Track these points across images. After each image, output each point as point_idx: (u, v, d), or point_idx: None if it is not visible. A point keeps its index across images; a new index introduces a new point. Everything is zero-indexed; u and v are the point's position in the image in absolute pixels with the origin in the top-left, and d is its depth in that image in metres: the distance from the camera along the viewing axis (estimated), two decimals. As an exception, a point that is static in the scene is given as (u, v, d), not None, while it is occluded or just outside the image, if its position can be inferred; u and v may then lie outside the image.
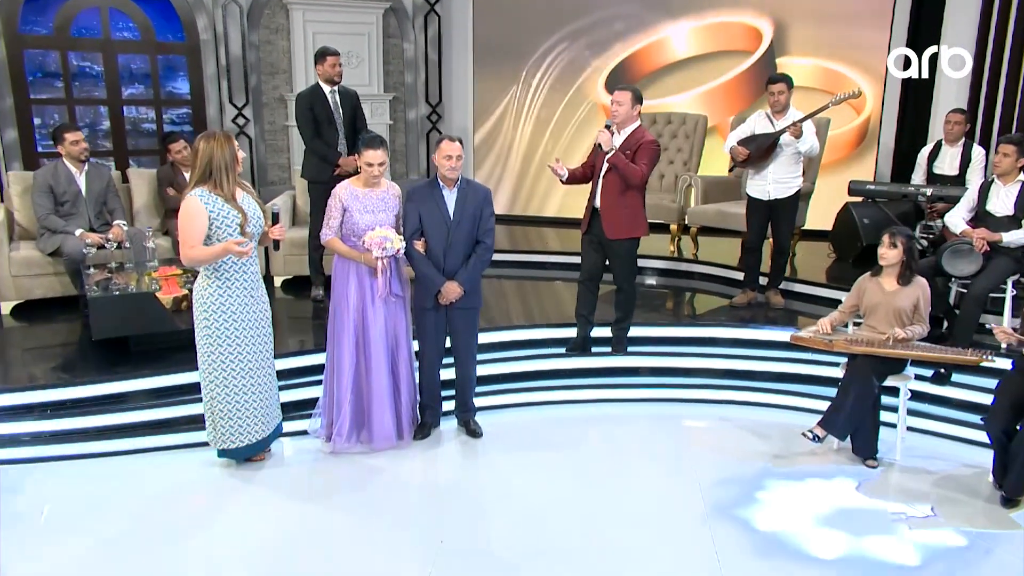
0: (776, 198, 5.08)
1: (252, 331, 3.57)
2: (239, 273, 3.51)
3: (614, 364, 4.84)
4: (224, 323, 3.50)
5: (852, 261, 6.12)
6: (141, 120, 7.63)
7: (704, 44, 7.58)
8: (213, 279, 3.49)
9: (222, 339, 3.51)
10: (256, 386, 3.62)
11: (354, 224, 3.79)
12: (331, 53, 5.31)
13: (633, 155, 4.40)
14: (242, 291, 3.52)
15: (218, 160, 3.40)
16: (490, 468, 3.89)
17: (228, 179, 3.42)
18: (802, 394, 4.50)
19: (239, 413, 3.61)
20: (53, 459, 3.76)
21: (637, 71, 7.77)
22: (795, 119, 4.92)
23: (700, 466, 3.88)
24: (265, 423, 3.71)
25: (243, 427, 3.65)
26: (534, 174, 8.12)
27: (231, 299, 3.50)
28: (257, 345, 3.60)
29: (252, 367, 3.59)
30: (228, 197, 3.43)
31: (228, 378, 3.56)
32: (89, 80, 7.24)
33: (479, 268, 3.98)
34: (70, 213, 5.20)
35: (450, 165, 3.85)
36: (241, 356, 3.55)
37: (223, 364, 3.54)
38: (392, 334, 3.92)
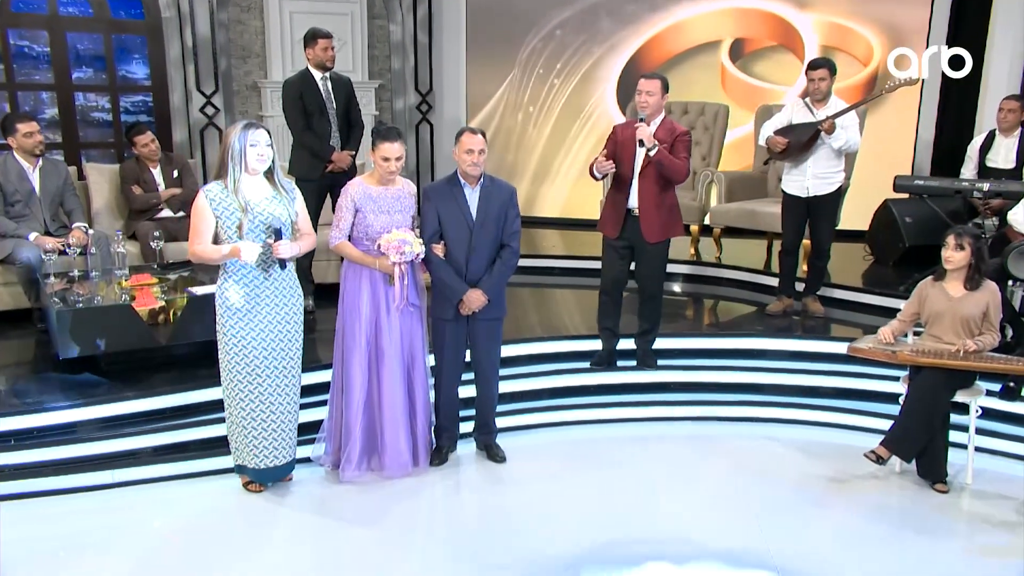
0: (816, 195, 5.11)
1: (268, 343, 3.54)
2: (252, 276, 3.49)
3: (642, 379, 4.84)
4: (232, 327, 3.50)
5: (893, 264, 6.19)
6: (89, 108, 7.48)
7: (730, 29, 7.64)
8: (232, 281, 3.50)
9: (230, 344, 3.52)
10: (272, 406, 3.59)
11: (367, 226, 3.73)
12: (323, 35, 5.24)
13: (669, 148, 4.40)
14: (257, 298, 3.50)
15: (226, 149, 3.43)
16: (518, 498, 3.84)
17: (233, 171, 3.42)
18: (855, 411, 4.52)
19: (255, 431, 3.60)
20: (19, 496, 3.63)
21: (655, 57, 7.80)
22: (838, 108, 4.95)
23: (751, 492, 3.87)
24: (279, 450, 3.68)
25: (262, 446, 3.63)
26: (535, 171, 8.12)
27: (241, 303, 3.49)
28: (273, 358, 3.57)
29: (268, 383, 3.57)
30: (233, 193, 3.42)
31: (245, 392, 3.56)
32: (29, 62, 7.08)
33: (505, 275, 3.95)
34: (22, 215, 5.06)
35: (472, 160, 3.81)
36: (251, 366, 3.53)
37: (239, 376, 3.55)
38: (408, 348, 3.87)
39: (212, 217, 3.43)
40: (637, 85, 4.50)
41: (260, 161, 3.45)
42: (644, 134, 4.34)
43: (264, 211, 3.48)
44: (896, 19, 7.14)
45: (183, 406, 4.07)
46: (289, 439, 3.72)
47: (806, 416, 4.59)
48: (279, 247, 3.49)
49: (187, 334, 4.35)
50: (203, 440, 3.98)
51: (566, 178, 8.11)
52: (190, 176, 5.86)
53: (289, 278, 3.63)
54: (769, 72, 7.72)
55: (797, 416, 4.60)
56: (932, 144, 7.02)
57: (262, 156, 3.45)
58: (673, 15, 7.77)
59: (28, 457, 3.71)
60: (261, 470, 3.69)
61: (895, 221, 6.09)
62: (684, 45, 7.81)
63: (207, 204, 3.43)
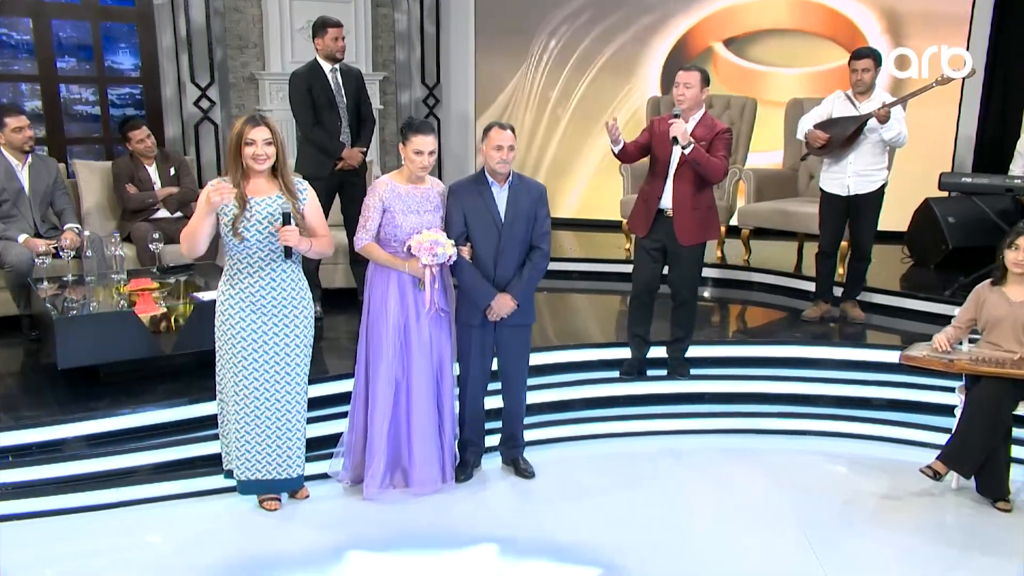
0: (857, 193, 5.11)
1: (261, 356, 3.53)
2: (247, 283, 3.49)
3: (675, 390, 4.83)
4: (224, 334, 3.52)
5: (935, 266, 6.20)
6: (73, 101, 7.44)
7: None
8: (228, 287, 3.52)
9: (221, 355, 3.56)
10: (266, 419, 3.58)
11: (396, 227, 3.72)
12: (333, 24, 5.24)
13: (708, 146, 4.40)
14: (252, 307, 3.50)
15: (228, 143, 3.46)
16: (550, 517, 3.82)
17: (233, 169, 3.44)
18: (906, 423, 4.52)
19: (244, 442, 3.60)
20: (18, 517, 3.59)
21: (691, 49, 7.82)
22: (883, 101, 4.94)
23: (798, 510, 3.86)
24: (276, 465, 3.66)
25: (258, 457, 3.62)
26: (548, 169, 8.11)
27: (235, 311, 3.50)
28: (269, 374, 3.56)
29: (265, 396, 3.56)
30: (234, 188, 3.42)
31: (240, 398, 3.56)
32: (7, 51, 7.04)
33: (535, 278, 3.94)
34: (10, 215, 5.03)
35: (501, 157, 3.80)
36: (239, 378, 3.53)
37: (223, 383, 3.58)
38: (437, 356, 3.86)
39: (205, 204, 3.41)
40: (675, 77, 4.51)
41: (257, 161, 3.41)
42: (678, 131, 4.33)
43: (264, 209, 3.46)
44: (936, 6, 7.17)
45: (191, 419, 4.05)
46: (292, 456, 3.68)
47: (852, 429, 4.58)
48: (286, 232, 3.43)
49: (192, 342, 4.31)
50: (213, 455, 3.94)
51: (584, 177, 8.11)
52: (188, 174, 5.84)
53: (297, 281, 3.60)
54: (764, 55, 7.73)
55: (842, 429, 4.59)
56: (974, 140, 7.03)
57: (259, 157, 3.41)
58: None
59: (28, 475, 3.68)
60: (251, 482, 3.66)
61: (937, 221, 6.10)
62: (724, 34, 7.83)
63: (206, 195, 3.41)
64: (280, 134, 3.49)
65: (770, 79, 7.75)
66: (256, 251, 3.47)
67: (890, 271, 6.24)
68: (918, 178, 6.44)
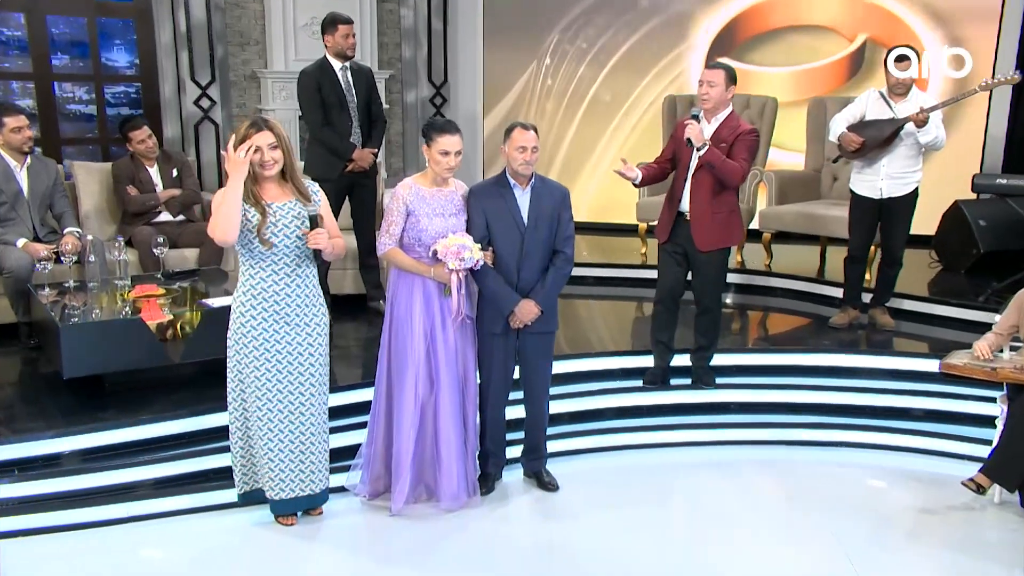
0: (890, 196, 5.11)
1: (285, 366, 3.54)
2: (271, 292, 3.48)
3: (700, 399, 4.84)
4: (245, 347, 3.51)
5: (964, 272, 6.22)
6: (65, 100, 7.45)
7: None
8: (241, 294, 3.51)
9: (241, 368, 3.53)
10: (289, 433, 3.57)
11: (420, 232, 3.73)
12: (343, 20, 5.27)
13: (729, 148, 4.42)
14: (275, 315, 3.50)
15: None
16: (583, 532, 3.82)
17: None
18: (942, 435, 4.53)
19: (270, 459, 3.58)
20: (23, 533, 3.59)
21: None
22: (921, 104, 4.94)
23: (834, 525, 3.86)
24: (301, 480, 3.65)
25: (278, 476, 3.60)
26: (560, 170, 8.12)
27: (257, 321, 3.48)
28: (293, 385, 3.56)
29: (288, 408, 3.56)
30: (246, 194, 3.41)
31: (247, 414, 3.57)
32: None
33: (558, 284, 3.95)
34: (8, 219, 5.04)
35: (524, 159, 3.82)
36: (262, 392, 3.52)
37: (242, 397, 3.57)
38: (461, 365, 3.87)
39: None
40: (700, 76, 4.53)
41: (264, 168, 3.41)
42: (692, 132, 4.35)
43: (288, 214, 3.47)
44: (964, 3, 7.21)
45: (202, 431, 4.06)
46: (318, 469, 3.70)
47: (887, 440, 4.58)
48: (318, 236, 3.46)
49: (201, 351, 4.32)
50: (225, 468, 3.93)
51: (596, 179, 8.12)
52: (190, 176, 5.85)
53: (316, 287, 3.62)
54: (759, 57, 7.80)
55: (877, 440, 4.59)
56: (1004, 141, 7.05)
57: (266, 163, 3.41)
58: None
59: (33, 489, 3.67)
60: (282, 501, 3.65)
61: (968, 224, 6.12)
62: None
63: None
64: (286, 137, 3.49)
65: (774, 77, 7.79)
66: (281, 257, 3.47)
67: (918, 276, 6.25)
68: (946, 180, 6.46)
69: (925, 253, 6.58)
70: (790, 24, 7.69)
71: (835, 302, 5.86)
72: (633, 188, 6.85)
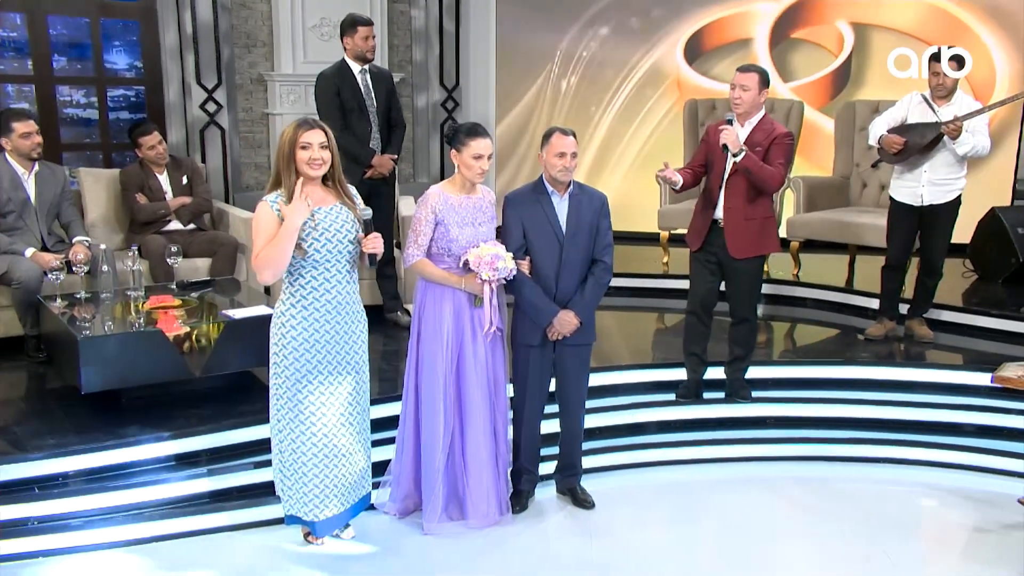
0: (931, 204, 5.15)
1: (337, 376, 3.57)
2: (323, 300, 3.50)
3: (735, 414, 4.88)
4: (297, 362, 3.50)
5: (1002, 281, 6.29)
6: (63, 103, 7.48)
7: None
8: (289, 304, 3.51)
9: (292, 382, 3.52)
10: (338, 448, 3.60)
11: (450, 241, 3.77)
12: (363, 22, 5.34)
13: (765, 153, 4.48)
14: (327, 324, 3.52)
15: (279, 154, 3.46)
16: (626, 550, 3.86)
17: (287, 179, 3.45)
18: (993, 451, 4.57)
19: (307, 479, 3.59)
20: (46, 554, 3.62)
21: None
22: (964, 107, 4.98)
23: (884, 544, 3.89)
24: (348, 495, 3.68)
25: (315, 497, 3.61)
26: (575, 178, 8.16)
27: (309, 332, 3.49)
28: (343, 395, 3.60)
29: (335, 421, 3.58)
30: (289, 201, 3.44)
31: (299, 432, 3.55)
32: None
33: (598, 294, 4.00)
34: (15, 228, 5.07)
35: (563, 165, 3.87)
36: (316, 406, 3.54)
37: (292, 414, 3.54)
38: (492, 380, 3.91)
39: (277, 225, 3.41)
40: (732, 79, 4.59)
41: (312, 166, 3.45)
42: (728, 138, 4.40)
43: (336, 219, 3.51)
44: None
45: (229, 447, 4.10)
46: (362, 482, 3.74)
47: (933, 456, 4.63)
48: (375, 240, 3.52)
49: (223, 364, 4.38)
50: (250, 486, 4.00)
51: (613, 186, 8.16)
52: (201, 183, 5.90)
53: (357, 296, 3.66)
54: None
55: (922, 456, 4.64)
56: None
57: (315, 160, 3.44)
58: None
59: (55, 508, 3.70)
60: (323, 522, 3.67)
61: (1005, 233, 6.19)
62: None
63: (273, 216, 3.42)
64: (333, 140, 3.55)
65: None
66: (334, 263, 3.50)
67: (952, 286, 6.28)
68: (982, 186, 6.52)
69: (959, 262, 6.63)
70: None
71: (868, 313, 5.94)
72: (651, 195, 7.04)
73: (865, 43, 7.63)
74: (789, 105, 7.06)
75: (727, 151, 4.42)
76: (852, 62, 7.64)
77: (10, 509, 3.65)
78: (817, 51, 7.78)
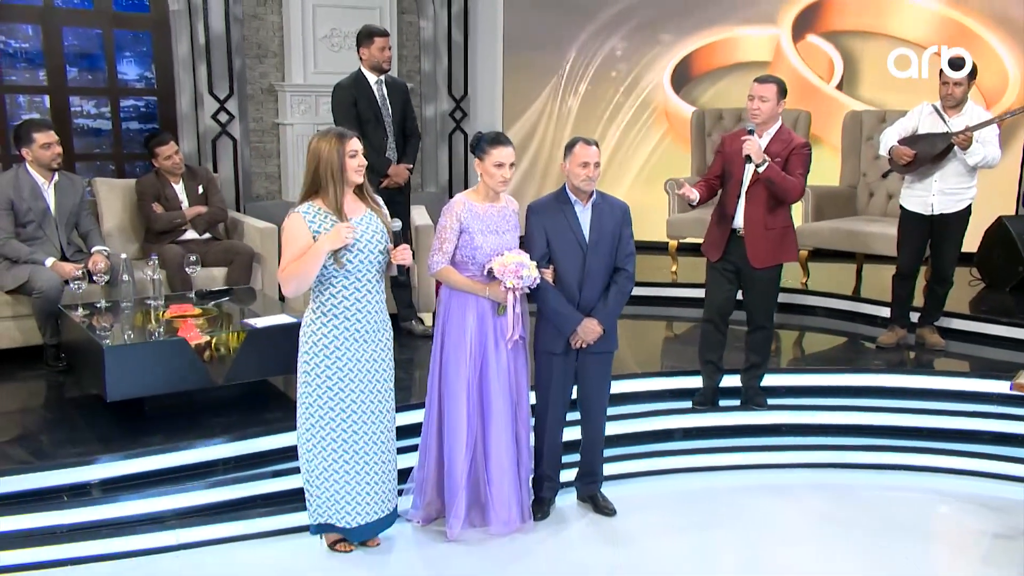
0: (942, 213, 5.21)
1: (366, 384, 3.60)
2: (354, 310, 3.54)
3: (751, 421, 4.91)
4: (328, 370, 3.53)
5: (1010, 290, 6.35)
6: (75, 114, 7.49)
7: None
8: (319, 313, 3.54)
9: (323, 391, 3.55)
10: (368, 455, 3.63)
11: (475, 249, 3.80)
12: (379, 33, 5.37)
13: (784, 163, 4.52)
14: (356, 333, 3.55)
15: (324, 165, 3.47)
16: (651, 556, 3.90)
17: (334, 190, 3.47)
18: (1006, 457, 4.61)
19: (339, 486, 3.61)
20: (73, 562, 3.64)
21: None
22: (975, 117, 5.04)
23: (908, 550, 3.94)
24: (378, 502, 3.71)
25: (347, 504, 3.64)
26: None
27: (340, 341, 3.52)
28: (372, 403, 3.63)
29: (364, 429, 3.61)
30: (335, 212, 3.47)
31: (329, 440, 3.58)
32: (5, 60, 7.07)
33: (620, 302, 4.03)
34: (35, 237, 5.09)
35: (587, 174, 3.89)
36: (347, 414, 3.57)
37: (323, 423, 3.57)
38: (514, 387, 3.94)
39: (309, 238, 3.45)
40: (749, 90, 4.63)
41: (358, 173, 3.53)
42: (752, 148, 4.43)
43: (367, 228, 3.55)
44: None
45: (254, 454, 4.12)
46: (390, 490, 3.76)
47: (949, 463, 4.66)
48: (405, 252, 3.58)
49: (245, 372, 4.40)
50: (275, 494, 4.02)
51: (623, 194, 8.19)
52: (216, 193, 5.92)
53: (382, 311, 3.69)
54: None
55: (939, 463, 4.67)
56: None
57: (361, 167, 3.53)
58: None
59: (82, 516, 3.72)
60: (355, 528, 3.70)
61: (1013, 241, 6.25)
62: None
63: (305, 227, 3.45)
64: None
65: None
66: (364, 272, 3.54)
67: (960, 295, 6.28)
68: (987, 195, 6.56)
69: (965, 271, 6.69)
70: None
71: (877, 321, 6.00)
72: (659, 205, 7.09)
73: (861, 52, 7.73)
74: (796, 115, 7.12)
75: (750, 162, 4.45)
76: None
77: (40, 517, 3.67)
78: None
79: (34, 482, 3.77)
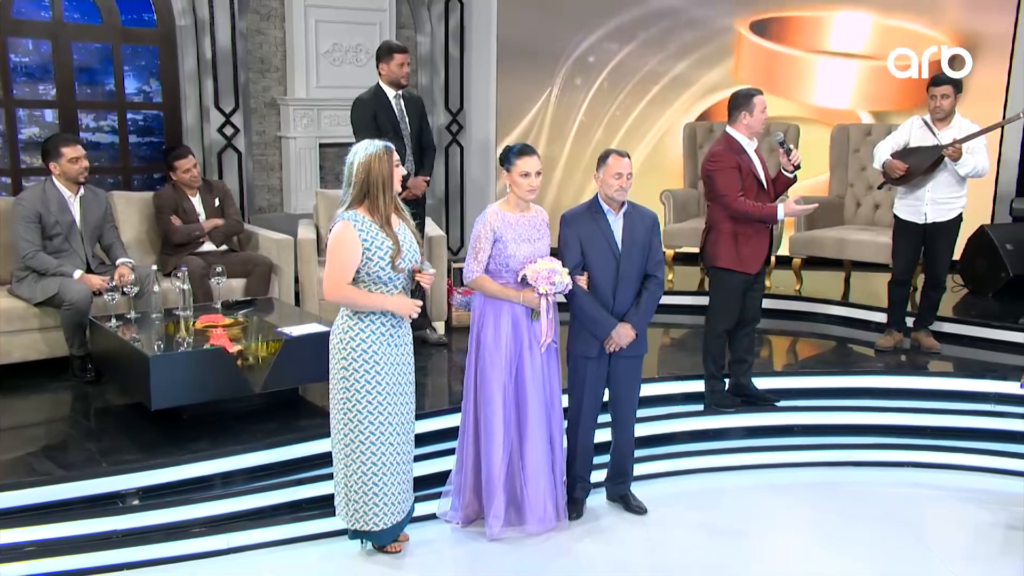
0: (934, 221, 5.41)
1: (397, 385, 3.68)
2: (389, 315, 3.64)
3: (763, 422, 5.08)
4: (365, 372, 3.60)
5: (992, 295, 6.60)
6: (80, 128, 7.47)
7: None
8: (357, 319, 3.62)
9: (362, 392, 3.61)
10: (401, 454, 3.72)
11: (508, 257, 3.91)
12: (399, 49, 5.47)
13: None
14: (387, 334, 3.63)
15: (375, 176, 3.55)
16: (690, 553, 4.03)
17: (384, 200, 3.57)
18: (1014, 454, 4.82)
19: (380, 487, 3.68)
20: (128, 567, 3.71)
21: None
22: (963, 130, 5.26)
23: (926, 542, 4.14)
24: (405, 501, 3.80)
25: (385, 504, 3.71)
26: (573, 198, 8.35)
27: (373, 342, 3.60)
28: (402, 404, 3.72)
29: (397, 429, 3.69)
30: (383, 223, 3.57)
31: (368, 442, 3.64)
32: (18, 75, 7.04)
33: (652, 307, 4.17)
34: (61, 250, 5.10)
35: (619, 185, 4.04)
36: (384, 414, 3.64)
37: (362, 424, 3.63)
38: (548, 390, 4.05)
39: (359, 250, 3.52)
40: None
41: (399, 183, 3.66)
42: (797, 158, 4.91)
43: (405, 238, 3.64)
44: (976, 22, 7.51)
45: (297, 459, 4.21)
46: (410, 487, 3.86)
47: (956, 460, 4.87)
48: (428, 277, 3.70)
49: (280, 380, 4.47)
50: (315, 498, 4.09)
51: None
52: (232, 205, 5.97)
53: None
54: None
55: (944, 460, 4.88)
56: (1018, 164, 7.48)
57: (400, 177, 3.66)
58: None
59: (136, 521, 3.77)
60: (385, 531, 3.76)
61: (995, 249, 6.50)
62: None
63: (355, 235, 3.52)
64: None
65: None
66: (396, 284, 3.64)
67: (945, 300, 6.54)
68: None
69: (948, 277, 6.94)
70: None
71: (870, 326, 6.21)
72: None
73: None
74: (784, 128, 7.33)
75: (795, 171, 4.85)
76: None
77: (94, 523, 3.72)
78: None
79: (88, 489, 3.81)
